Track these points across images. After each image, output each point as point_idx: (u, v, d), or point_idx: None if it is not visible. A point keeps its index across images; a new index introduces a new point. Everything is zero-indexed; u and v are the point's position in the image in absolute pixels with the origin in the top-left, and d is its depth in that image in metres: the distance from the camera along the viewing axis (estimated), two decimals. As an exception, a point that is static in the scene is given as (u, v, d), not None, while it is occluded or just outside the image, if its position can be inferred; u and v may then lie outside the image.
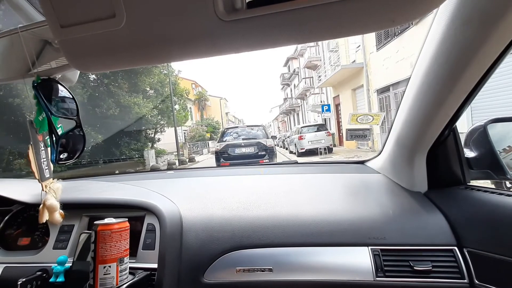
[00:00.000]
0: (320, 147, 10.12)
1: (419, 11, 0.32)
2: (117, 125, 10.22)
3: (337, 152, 10.81)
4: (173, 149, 15.53)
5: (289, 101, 29.81)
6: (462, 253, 0.67)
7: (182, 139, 22.08)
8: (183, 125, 18.73)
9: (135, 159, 11.39)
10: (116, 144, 10.86)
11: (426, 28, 0.64)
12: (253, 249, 0.75)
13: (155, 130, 13.91)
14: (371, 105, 9.89)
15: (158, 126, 13.87)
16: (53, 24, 0.38)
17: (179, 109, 16.48)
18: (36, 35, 0.57)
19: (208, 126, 29.21)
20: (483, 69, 0.57)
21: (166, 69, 13.56)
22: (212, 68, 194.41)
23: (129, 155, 11.26)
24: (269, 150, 7.41)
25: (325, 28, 0.36)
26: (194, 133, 25.60)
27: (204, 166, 9.15)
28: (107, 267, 0.60)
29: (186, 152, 18.02)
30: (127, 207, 0.85)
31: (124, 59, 0.42)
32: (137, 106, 10.95)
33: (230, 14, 0.34)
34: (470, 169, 0.80)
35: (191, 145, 21.60)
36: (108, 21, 0.36)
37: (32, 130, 0.62)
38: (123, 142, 11.27)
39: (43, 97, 0.57)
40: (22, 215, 0.95)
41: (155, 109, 13.17)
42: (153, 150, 12.77)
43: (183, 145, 19.11)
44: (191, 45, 0.38)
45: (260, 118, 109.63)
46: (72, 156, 0.66)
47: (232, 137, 7.98)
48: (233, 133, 8.14)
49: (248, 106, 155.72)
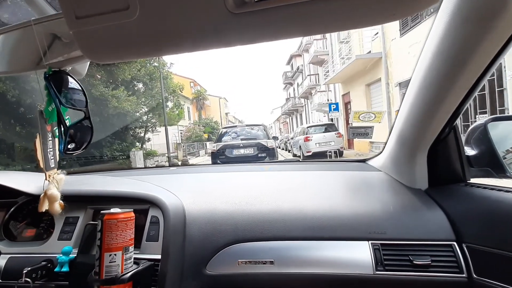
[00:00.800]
0: (329, 150, 8.80)
1: (419, 5, 0.33)
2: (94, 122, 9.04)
3: (348, 156, 9.49)
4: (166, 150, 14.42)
5: (291, 101, 28.09)
6: (461, 248, 0.68)
7: (178, 139, 21.26)
8: (176, 124, 17.54)
9: (119, 160, 10.22)
10: (96, 144, 9.24)
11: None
12: (255, 242, 0.76)
13: (146, 129, 12.73)
14: (391, 101, 8.31)
15: (149, 124, 12.63)
16: (68, 15, 0.39)
17: (172, 107, 15.21)
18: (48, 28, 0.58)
19: (206, 126, 27.89)
20: (483, 66, 0.58)
21: (157, 61, 12.16)
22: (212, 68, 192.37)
23: (113, 156, 10.04)
24: (270, 151, 6.83)
25: (329, 21, 0.37)
26: (190, 133, 24.49)
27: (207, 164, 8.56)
28: (113, 255, 0.61)
29: (180, 154, 17.06)
30: (132, 200, 0.86)
31: (136, 50, 0.43)
32: (115, 99, 9.45)
33: (239, 7, 0.36)
34: (470, 167, 0.81)
35: (187, 146, 20.66)
36: (122, 13, 0.38)
37: (42, 120, 0.64)
38: (105, 142, 9.93)
39: (54, 88, 0.59)
40: (28, 207, 0.97)
41: (145, 106, 11.92)
42: (141, 151, 11.65)
43: (177, 146, 18.37)
44: (201, 36, 0.40)
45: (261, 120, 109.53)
46: (80, 147, 0.68)
47: (230, 137, 7.42)
48: (232, 133, 7.56)
49: (249, 107, 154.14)
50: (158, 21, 0.39)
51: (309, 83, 20.13)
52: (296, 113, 29.16)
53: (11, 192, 0.93)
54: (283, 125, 41.72)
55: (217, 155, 6.89)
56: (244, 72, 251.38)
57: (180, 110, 17.30)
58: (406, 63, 7.28)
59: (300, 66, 24.65)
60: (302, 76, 23.71)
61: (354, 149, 10.63)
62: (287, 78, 30.58)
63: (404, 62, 7.51)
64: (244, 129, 7.63)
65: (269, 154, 6.78)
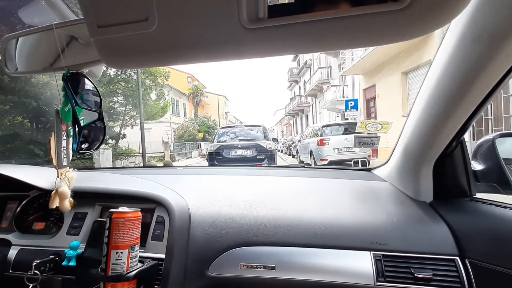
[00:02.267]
0: (352, 158, 5.09)
1: (429, 27, 0.34)
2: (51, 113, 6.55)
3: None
4: (155, 149, 12.45)
5: (297, 100, 25.03)
6: (464, 263, 0.68)
7: (170, 137, 19.01)
8: (159, 118, 14.59)
9: (75, 161, 8.18)
10: (36, 140, 7.54)
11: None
12: (258, 247, 0.77)
13: (123, 123, 10.66)
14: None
15: (127, 117, 10.55)
16: (90, 24, 0.41)
17: (156, 99, 13.11)
18: (69, 32, 0.61)
19: (202, 125, 25.37)
20: (491, 84, 0.58)
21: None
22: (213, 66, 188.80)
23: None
24: (268, 153, 6.63)
25: (339, 39, 0.38)
26: (183, 131, 21.91)
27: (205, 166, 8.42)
28: (119, 253, 0.63)
29: (167, 154, 14.64)
30: (139, 198, 0.88)
31: (153, 59, 0.45)
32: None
33: (253, 22, 0.37)
34: (476, 182, 0.81)
35: (179, 145, 18.74)
36: (141, 24, 0.40)
37: (58, 120, 0.66)
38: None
39: (71, 89, 0.61)
40: (39, 201, 1.00)
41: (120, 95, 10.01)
42: (110, 150, 9.69)
43: (164, 145, 16.39)
44: (216, 49, 0.41)
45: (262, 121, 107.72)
46: (92, 147, 0.70)
47: (228, 137, 7.21)
48: (230, 133, 7.36)
49: (251, 109, 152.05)
50: (175, 33, 0.41)
51: (319, 77, 16.90)
52: (301, 113, 26.69)
53: (24, 186, 0.96)
54: (286, 127, 39.82)
55: (214, 156, 6.69)
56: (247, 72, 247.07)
57: (166, 103, 15.28)
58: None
59: (309, 60, 21.88)
60: (310, 72, 21.32)
61: (377, 158, 8.06)
62: (292, 75, 28.12)
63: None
64: (243, 129, 7.43)
65: (268, 156, 6.63)
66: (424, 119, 0.76)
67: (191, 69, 31.01)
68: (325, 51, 0.41)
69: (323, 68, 16.77)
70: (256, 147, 6.68)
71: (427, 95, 0.72)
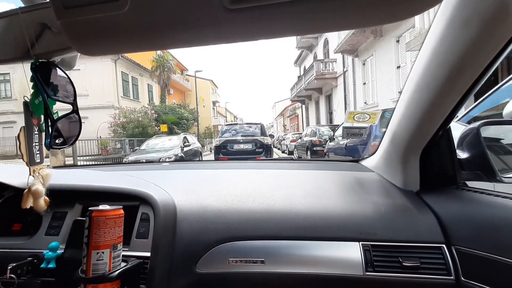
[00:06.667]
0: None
1: (419, 7, 0.33)
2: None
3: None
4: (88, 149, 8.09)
5: (315, 68, 15.04)
6: (450, 250, 0.69)
7: (96, 131, 12.24)
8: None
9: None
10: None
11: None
12: (246, 241, 0.76)
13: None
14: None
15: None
16: (56, 4, 0.37)
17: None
18: (36, 17, 0.56)
19: (169, 114, 17.68)
20: (479, 70, 0.58)
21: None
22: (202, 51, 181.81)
23: None
24: (266, 147, 8.08)
25: (328, 20, 0.36)
26: (126, 119, 14.17)
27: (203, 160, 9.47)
28: (100, 253, 0.60)
29: (59, 157, 7.69)
30: (122, 196, 0.85)
31: (127, 43, 0.42)
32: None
33: (235, 1, 0.35)
34: (462, 170, 0.82)
35: (119, 142, 12.59)
36: (112, 4, 0.36)
37: (27, 113, 0.61)
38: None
39: (41, 80, 0.57)
40: (15, 201, 0.94)
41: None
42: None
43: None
44: (195, 31, 0.38)
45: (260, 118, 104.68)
46: (68, 142, 0.66)
47: (231, 134, 8.58)
48: (232, 130, 8.77)
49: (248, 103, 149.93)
50: (150, 14, 0.37)
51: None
52: (319, 94, 17.00)
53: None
54: (291, 120, 30.75)
55: (220, 148, 8.14)
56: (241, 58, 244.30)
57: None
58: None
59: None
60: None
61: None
62: (304, 37, 18.08)
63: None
64: (243, 126, 8.93)
65: (266, 150, 8.09)
66: (411, 108, 0.75)
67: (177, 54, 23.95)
68: (312, 33, 0.39)
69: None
70: (255, 142, 8.14)
71: (414, 83, 0.71)
